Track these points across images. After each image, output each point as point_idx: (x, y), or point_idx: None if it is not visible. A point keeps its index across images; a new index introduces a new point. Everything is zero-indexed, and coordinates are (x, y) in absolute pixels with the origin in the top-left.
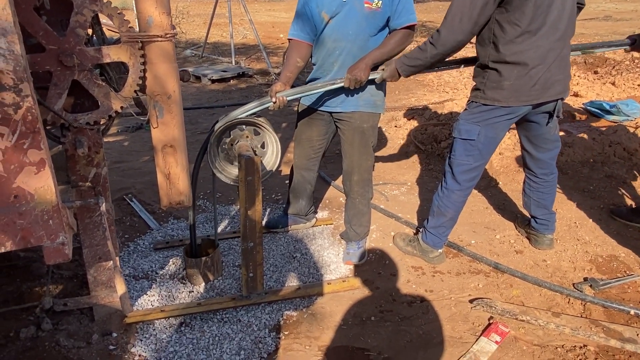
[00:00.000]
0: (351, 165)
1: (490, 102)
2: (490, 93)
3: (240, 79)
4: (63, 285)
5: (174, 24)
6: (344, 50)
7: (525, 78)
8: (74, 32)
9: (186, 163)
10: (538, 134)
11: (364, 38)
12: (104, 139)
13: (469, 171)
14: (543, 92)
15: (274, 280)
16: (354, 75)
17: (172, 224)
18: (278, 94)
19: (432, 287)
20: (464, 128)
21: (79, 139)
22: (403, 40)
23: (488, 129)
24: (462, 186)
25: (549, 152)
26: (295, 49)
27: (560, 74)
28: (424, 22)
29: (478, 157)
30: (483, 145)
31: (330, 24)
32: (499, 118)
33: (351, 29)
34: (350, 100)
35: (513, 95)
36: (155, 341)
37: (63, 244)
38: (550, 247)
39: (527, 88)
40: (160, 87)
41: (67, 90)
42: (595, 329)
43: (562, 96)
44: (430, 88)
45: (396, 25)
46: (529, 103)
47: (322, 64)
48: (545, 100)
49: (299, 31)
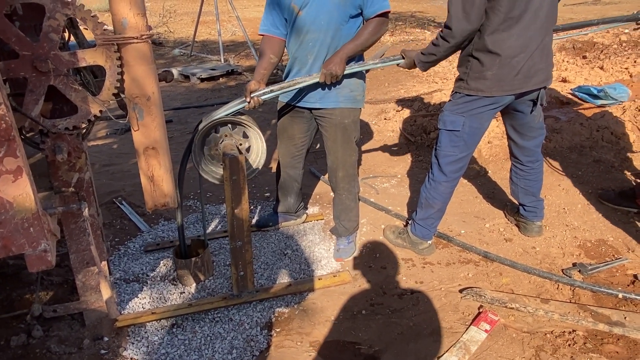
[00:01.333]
0: (335, 162)
1: (474, 92)
2: (473, 83)
3: (230, 77)
4: (53, 291)
5: (162, 23)
6: (317, 42)
7: (508, 67)
8: (47, 37)
9: (169, 165)
10: (523, 123)
11: (336, 27)
12: (93, 143)
13: (455, 162)
14: (526, 81)
15: (266, 278)
16: (329, 69)
17: (163, 225)
18: (253, 94)
19: (422, 279)
20: (449, 119)
21: (58, 145)
22: (377, 29)
23: (472, 120)
24: (449, 177)
25: (534, 140)
26: (268, 45)
27: (543, 62)
28: (413, 12)
29: (463, 147)
30: (468, 136)
31: (300, 16)
32: (483, 108)
33: (323, 19)
34: (330, 96)
35: (496, 85)
36: (146, 344)
37: (45, 251)
38: (539, 234)
39: (510, 77)
40: (139, 89)
41: (43, 96)
42: (584, 314)
43: (545, 84)
44: (419, 79)
45: (369, 13)
46: (512, 92)
47: (297, 57)
48: (529, 90)
49: (269, 26)
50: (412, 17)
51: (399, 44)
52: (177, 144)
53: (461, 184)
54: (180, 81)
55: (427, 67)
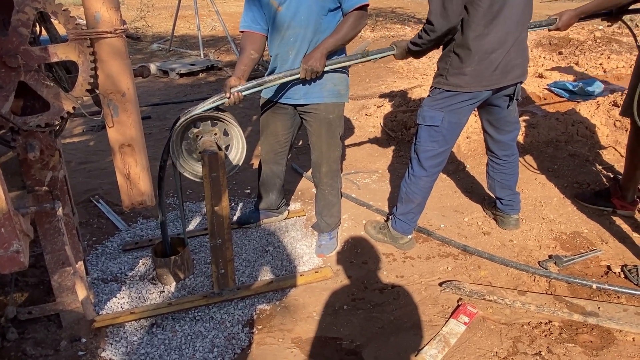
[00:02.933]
0: (320, 157)
1: (453, 88)
2: (452, 79)
3: (209, 72)
4: (28, 292)
5: (140, 17)
6: (298, 37)
7: (486, 63)
8: (16, 31)
9: (146, 162)
10: (499, 117)
11: (316, 22)
12: (69, 140)
13: (434, 157)
14: (503, 76)
15: (247, 276)
16: (309, 65)
17: (141, 224)
18: (233, 89)
19: (402, 273)
20: (428, 114)
21: (30, 143)
22: (356, 23)
23: (451, 115)
24: (429, 172)
25: (509, 134)
26: (249, 41)
27: (519, 57)
28: (394, 8)
29: (442, 142)
30: (447, 131)
31: (280, 12)
32: (461, 103)
33: (302, 14)
34: (314, 91)
35: (475, 81)
36: (125, 344)
37: (18, 252)
38: (516, 227)
39: (488, 73)
40: (113, 85)
41: (13, 93)
42: (559, 305)
43: (521, 79)
44: (400, 75)
45: (348, 7)
46: (490, 87)
47: (278, 53)
48: (506, 84)
49: (250, 22)
50: (392, 12)
51: (379, 40)
52: (156, 141)
53: (440, 179)
54: (158, 76)
55: (417, 57)
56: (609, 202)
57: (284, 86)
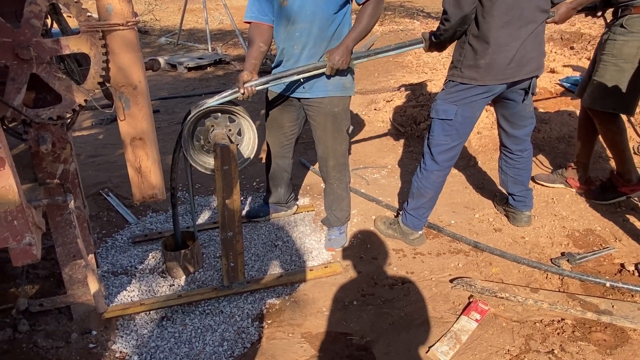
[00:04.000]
0: (326, 151)
1: (467, 80)
2: (467, 72)
3: (217, 66)
4: (40, 284)
5: (148, 11)
6: (303, 32)
7: (501, 56)
8: (29, 23)
9: (157, 156)
10: (514, 112)
11: (323, 17)
12: (79, 133)
13: (447, 151)
14: (518, 69)
15: (256, 270)
16: (335, 63)
17: (151, 217)
18: (246, 84)
19: (413, 269)
20: (442, 108)
21: (42, 135)
22: (375, 10)
23: (465, 109)
24: (441, 166)
25: (524, 129)
26: (256, 33)
27: (535, 51)
28: (402, 2)
29: (456, 136)
30: (460, 125)
31: (285, 5)
32: (475, 97)
33: (308, 9)
34: (319, 85)
35: (489, 74)
36: (136, 337)
37: (30, 245)
38: (528, 224)
39: (502, 66)
40: (125, 78)
41: (25, 85)
42: (572, 303)
43: (537, 73)
44: (409, 69)
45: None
46: (505, 81)
47: (284, 47)
48: (521, 78)
49: (257, 13)
50: (401, 7)
51: (388, 34)
52: (165, 135)
53: (451, 175)
54: (167, 70)
55: (439, 49)
56: (617, 192)
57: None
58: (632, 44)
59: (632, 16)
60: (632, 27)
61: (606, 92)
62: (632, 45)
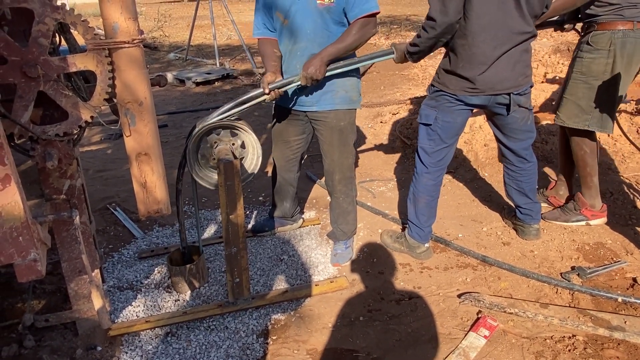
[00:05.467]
0: (332, 165)
1: (440, 86)
2: (442, 78)
3: (225, 81)
4: (46, 300)
5: (157, 27)
6: (305, 51)
7: (471, 72)
8: (36, 41)
9: (162, 171)
10: (504, 124)
11: (323, 35)
12: (87, 148)
13: (432, 154)
14: (489, 86)
15: (262, 284)
16: (308, 73)
17: (157, 231)
18: (271, 85)
19: (420, 284)
20: (424, 113)
21: (49, 152)
22: (360, 31)
23: (444, 114)
24: (430, 169)
25: (520, 142)
26: (268, 44)
27: (510, 70)
28: (408, 15)
29: (439, 141)
30: (441, 130)
31: (286, 25)
32: (450, 104)
33: (308, 28)
34: (326, 98)
35: (458, 85)
36: (141, 353)
37: (35, 261)
38: (537, 238)
39: (470, 81)
40: (131, 95)
41: (33, 102)
42: (584, 319)
43: (511, 91)
44: (415, 82)
45: (351, 17)
46: (472, 94)
47: (288, 65)
48: (491, 94)
49: (263, 29)
50: (406, 20)
51: None
52: (172, 149)
53: (458, 187)
54: (175, 85)
55: (415, 59)
56: (580, 214)
57: (297, 93)
58: (599, 61)
59: (596, 33)
60: (597, 44)
61: (579, 110)
62: (599, 63)
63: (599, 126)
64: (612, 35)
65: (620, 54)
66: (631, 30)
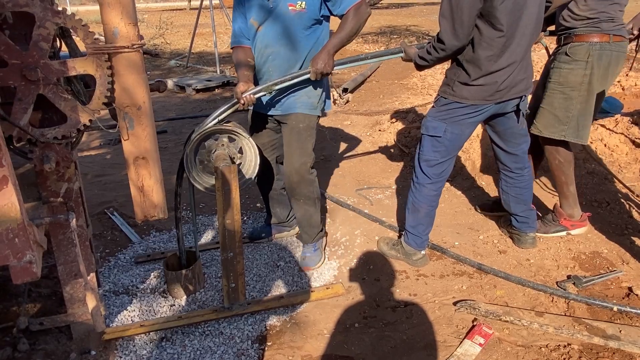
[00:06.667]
0: (289, 167)
1: (459, 99)
2: (458, 90)
3: (225, 88)
4: (41, 303)
5: (159, 34)
6: (277, 55)
7: (493, 79)
8: (37, 45)
9: (160, 175)
10: (506, 129)
11: (294, 40)
12: (86, 153)
13: (437, 166)
14: (507, 91)
15: (258, 290)
16: (318, 68)
17: (154, 236)
18: (244, 94)
19: (416, 291)
20: (431, 125)
21: (47, 154)
22: (356, 16)
23: (454, 126)
24: (433, 180)
25: (520, 147)
26: (242, 52)
27: (523, 73)
28: (408, 25)
29: (445, 152)
30: (449, 142)
31: (260, 31)
32: (465, 116)
33: (279, 33)
34: (289, 102)
35: (480, 94)
36: (135, 358)
37: (30, 263)
38: (533, 246)
39: (493, 88)
40: (129, 99)
41: (32, 105)
42: (579, 327)
43: (525, 93)
44: (414, 91)
45: (341, 11)
46: (494, 101)
47: (259, 69)
48: (509, 98)
49: (240, 37)
50: (407, 30)
51: None
52: (171, 155)
53: (455, 196)
54: (175, 92)
55: (421, 69)
56: (559, 225)
57: (268, 98)
58: (577, 72)
59: (574, 44)
60: (576, 55)
61: (555, 120)
62: (577, 74)
63: (575, 136)
64: (589, 47)
65: (597, 65)
66: (607, 43)
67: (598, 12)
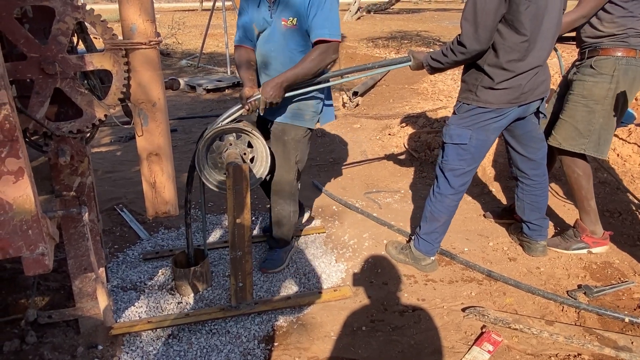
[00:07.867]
0: (274, 175)
1: (483, 104)
2: (482, 95)
3: (235, 89)
4: (50, 296)
5: (171, 34)
6: (270, 67)
7: (517, 82)
8: (56, 39)
9: (172, 172)
10: (525, 132)
11: (289, 54)
12: (97, 149)
13: (462, 175)
14: (531, 93)
15: (265, 290)
16: (267, 98)
17: (163, 233)
18: (249, 99)
19: (424, 296)
20: (455, 132)
21: (62, 148)
22: (319, 57)
23: (479, 132)
24: (456, 190)
25: (539, 151)
26: (244, 52)
27: (543, 75)
28: (419, 31)
29: (470, 161)
30: (475, 149)
31: (260, 38)
32: (490, 120)
33: (274, 46)
34: (281, 111)
35: (504, 98)
36: (141, 354)
37: (43, 255)
38: (543, 254)
39: (517, 92)
40: (145, 95)
41: (49, 99)
42: (590, 337)
43: (545, 95)
44: (424, 96)
45: (312, 39)
46: (518, 104)
47: (259, 73)
48: (532, 100)
49: (244, 38)
50: (417, 35)
51: None
52: (181, 153)
53: (465, 202)
54: (186, 91)
55: (434, 72)
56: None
57: None
58: (602, 86)
59: (600, 58)
60: (601, 69)
61: (576, 133)
62: (601, 87)
63: (595, 150)
64: (616, 62)
65: (623, 79)
66: (633, 58)
67: (627, 28)
